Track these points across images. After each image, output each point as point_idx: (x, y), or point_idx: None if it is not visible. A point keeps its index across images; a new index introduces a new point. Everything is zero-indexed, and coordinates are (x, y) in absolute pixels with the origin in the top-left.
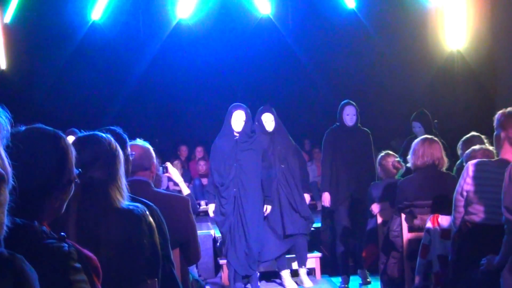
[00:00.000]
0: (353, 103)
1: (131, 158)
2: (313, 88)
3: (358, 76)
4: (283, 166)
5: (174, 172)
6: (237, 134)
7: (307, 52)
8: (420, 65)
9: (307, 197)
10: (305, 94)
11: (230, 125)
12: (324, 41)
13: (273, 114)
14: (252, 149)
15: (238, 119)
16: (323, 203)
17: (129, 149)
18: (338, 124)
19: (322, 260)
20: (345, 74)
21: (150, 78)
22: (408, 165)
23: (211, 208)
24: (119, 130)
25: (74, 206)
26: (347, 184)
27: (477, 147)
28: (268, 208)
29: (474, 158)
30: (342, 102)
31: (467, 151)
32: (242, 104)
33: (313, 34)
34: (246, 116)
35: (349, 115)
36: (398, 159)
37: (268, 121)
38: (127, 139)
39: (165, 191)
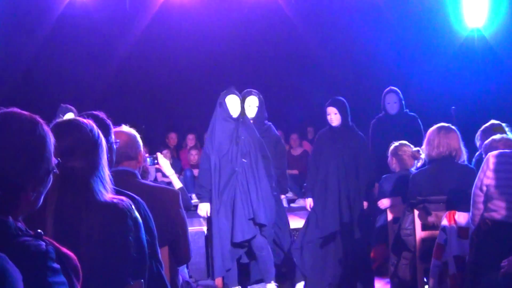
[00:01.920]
0: (339, 101)
1: (115, 147)
2: (319, 70)
3: (369, 57)
4: (245, 160)
5: (165, 163)
6: (252, 122)
7: (312, 31)
8: (437, 45)
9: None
10: (309, 78)
11: (244, 112)
12: (331, 19)
13: (239, 97)
14: (266, 137)
15: (251, 105)
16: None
17: (113, 136)
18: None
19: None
20: (355, 55)
21: (137, 58)
22: (423, 156)
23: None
24: (102, 115)
25: (52, 200)
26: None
27: (497, 137)
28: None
29: (495, 149)
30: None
31: (487, 141)
32: (255, 90)
33: (319, 11)
34: (259, 102)
35: (330, 114)
36: (417, 148)
37: (233, 104)
38: (111, 125)
39: (152, 183)
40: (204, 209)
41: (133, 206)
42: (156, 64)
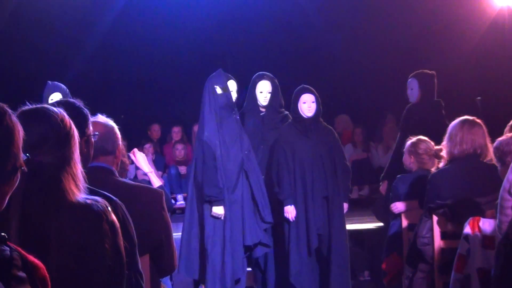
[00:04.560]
0: (312, 89)
1: (93, 140)
2: (328, 53)
3: (386, 40)
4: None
5: (141, 159)
6: (264, 110)
7: (320, 9)
8: (465, 24)
9: None
10: (317, 63)
11: (256, 98)
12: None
13: (235, 81)
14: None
15: (264, 91)
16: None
17: (91, 127)
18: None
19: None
20: (370, 38)
21: (115, 39)
22: (442, 153)
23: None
24: (78, 103)
25: (18, 200)
26: None
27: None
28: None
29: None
30: (296, 90)
31: (500, 138)
32: (268, 74)
33: None
34: (272, 87)
35: (306, 103)
36: (440, 146)
37: (234, 91)
38: (89, 115)
39: (132, 182)
40: (221, 213)
41: (109, 208)
42: (136, 46)
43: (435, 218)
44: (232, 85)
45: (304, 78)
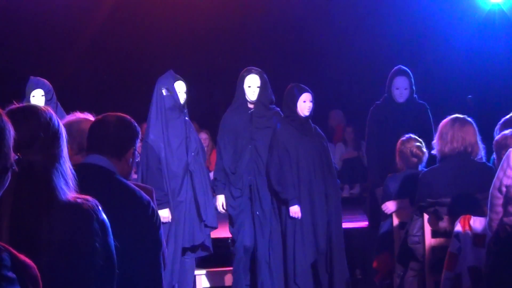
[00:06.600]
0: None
1: (138, 157)
2: (320, 50)
3: (375, 35)
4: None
5: None
6: (252, 106)
7: (312, 3)
8: (455, 23)
9: None
10: (308, 60)
11: (244, 94)
12: None
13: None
14: (271, 126)
15: (252, 85)
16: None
17: (138, 143)
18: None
19: None
20: (359, 31)
21: (107, 35)
22: (434, 151)
23: (220, 200)
24: (128, 117)
25: (8, 199)
26: None
27: (508, 131)
28: None
29: (506, 146)
30: (294, 88)
31: (497, 137)
32: (257, 68)
33: None
34: (261, 81)
35: (306, 102)
36: (419, 144)
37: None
38: (139, 130)
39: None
40: (167, 215)
41: (99, 207)
42: (128, 42)
43: (425, 216)
44: (181, 86)
45: (295, 75)
